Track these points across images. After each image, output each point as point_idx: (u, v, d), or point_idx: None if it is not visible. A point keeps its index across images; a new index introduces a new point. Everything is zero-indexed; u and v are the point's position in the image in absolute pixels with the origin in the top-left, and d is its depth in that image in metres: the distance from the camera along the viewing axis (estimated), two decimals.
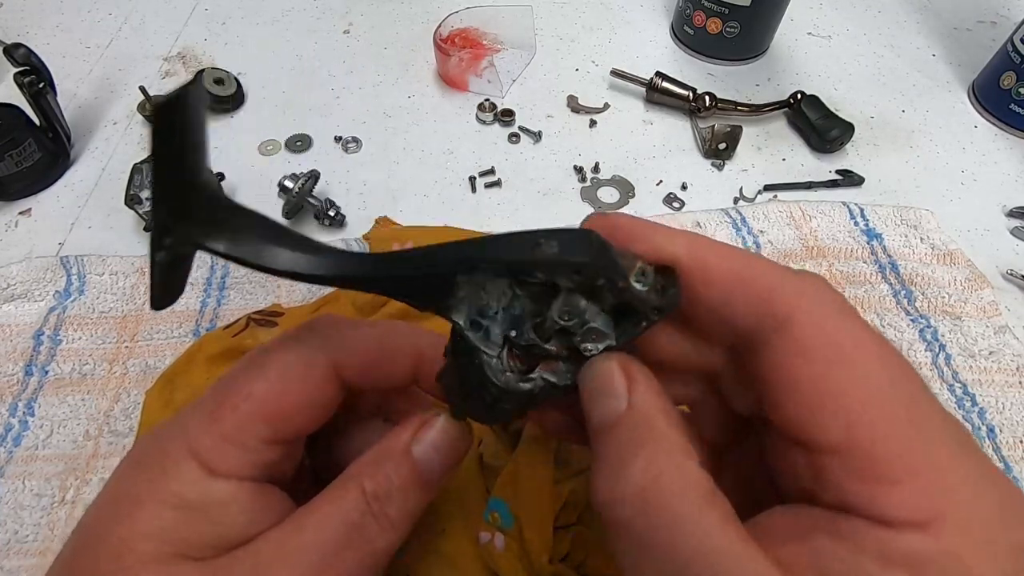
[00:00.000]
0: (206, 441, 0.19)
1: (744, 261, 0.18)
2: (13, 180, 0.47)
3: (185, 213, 0.17)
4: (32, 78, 0.46)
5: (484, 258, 0.18)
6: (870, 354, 0.17)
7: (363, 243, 0.45)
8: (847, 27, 0.67)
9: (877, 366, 0.16)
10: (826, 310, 0.17)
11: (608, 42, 0.64)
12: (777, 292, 0.17)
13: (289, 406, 0.20)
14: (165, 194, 0.17)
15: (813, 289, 0.18)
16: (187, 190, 0.17)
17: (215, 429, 0.19)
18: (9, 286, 0.41)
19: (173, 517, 0.18)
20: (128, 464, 0.20)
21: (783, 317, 0.17)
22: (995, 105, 0.57)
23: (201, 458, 0.19)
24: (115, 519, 0.18)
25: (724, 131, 0.51)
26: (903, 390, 0.16)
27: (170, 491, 0.18)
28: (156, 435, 0.20)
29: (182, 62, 0.60)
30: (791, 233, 0.46)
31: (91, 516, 0.19)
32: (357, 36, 0.64)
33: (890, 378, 0.16)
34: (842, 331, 0.17)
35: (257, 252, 0.18)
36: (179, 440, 0.19)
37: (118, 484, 0.20)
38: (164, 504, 0.18)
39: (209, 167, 0.18)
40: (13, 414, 0.36)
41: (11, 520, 0.33)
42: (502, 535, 0.29)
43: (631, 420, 0.17)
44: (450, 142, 0.54)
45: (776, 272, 0.18)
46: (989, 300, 0.43)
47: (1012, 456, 0.36)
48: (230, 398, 0.20)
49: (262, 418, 0.19)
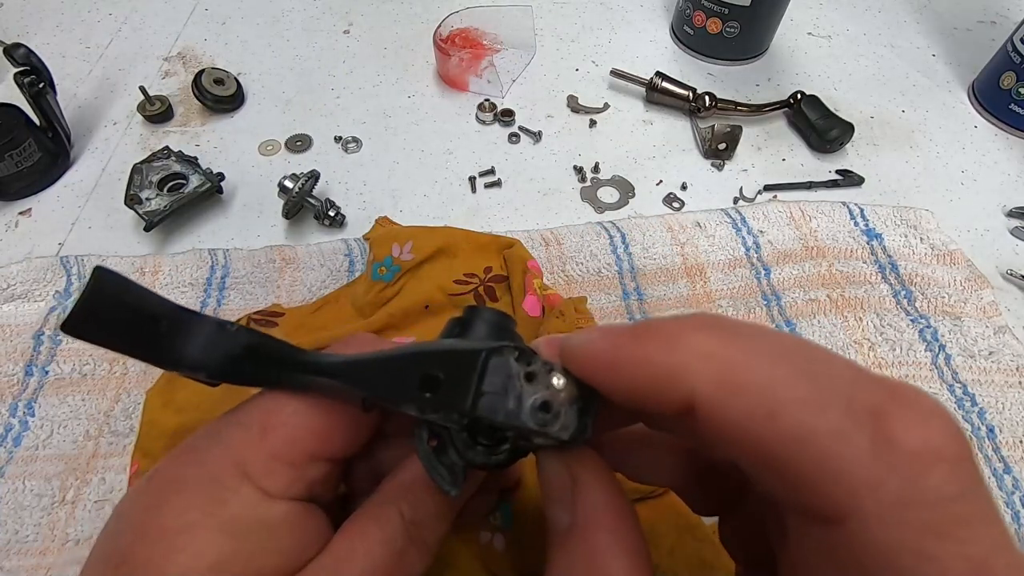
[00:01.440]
0: (256, 459, 0.18)
1: (809, 411, 0.12)
2: (13, 180, 0.47)
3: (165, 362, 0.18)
4: (32, 78, 0.46)
5: (376, 393, 0.17)
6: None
7: (363, 243, 0.45)
8: (847, 27, 0.67)
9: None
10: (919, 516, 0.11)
11: (608, 42, 0.64)
12: (845, 475, 0.11)
13: (337, 420, 0.19)
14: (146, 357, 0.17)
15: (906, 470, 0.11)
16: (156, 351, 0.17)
17: (265, 446, 0.18)
18: (9, 286, 0.41)
19: (232, 546, 0.17)
20: (165, 489, 0.18)
21: (841, 512, 0.12)
22: (995, 105, 0.57)
23: (254, 477, 0.17)
24: (167, 555, 0.16)
25: (724, 131, 0.51)
26: None
27: (224, 516, 0.17)
28: (192, 455, 0.18)
29: (182, 62, 0.60)
30: (791, 233, 0.46)
31: (127, 549, 0.17)
32: (357, 36, 0.64)
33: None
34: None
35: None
36: (225, 459, 0.18)
37: (159, 513, 0.17)
38: (221, 532, 0.17)
39: (154, 304, 0.18)
40: (13, 414, 0.36)
41: (11, 520, 0.33)
42: (502, 536, 0.29)
43: (572, 542, 0.16)
44: (450, 142, 0.54)
45: (850, 439, 0.12)
46: (989, 300, 0.43)
47: (1012, 456, 0.36)
48: (279, 413, 0.18)
49: (312, 433, 0.18)
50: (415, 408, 0.17)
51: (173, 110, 0.55)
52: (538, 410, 0.16)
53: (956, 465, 0.11)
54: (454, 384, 0.16)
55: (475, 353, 0.16)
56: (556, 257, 0.44)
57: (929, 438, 0.11)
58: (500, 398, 0.16)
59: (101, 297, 0.16)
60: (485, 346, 0.16)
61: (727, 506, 0.20)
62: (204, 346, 0.18)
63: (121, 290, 0.17)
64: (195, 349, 0.18)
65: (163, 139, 0.53)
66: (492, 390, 0.16)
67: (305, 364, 0.18)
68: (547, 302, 0.39)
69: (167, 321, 0.17)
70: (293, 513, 0.18)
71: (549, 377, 0.16)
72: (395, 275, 0.41)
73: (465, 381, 0.16)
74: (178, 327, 0.17)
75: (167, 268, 0.43)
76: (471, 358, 0.16)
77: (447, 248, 0.42)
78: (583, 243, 0.45)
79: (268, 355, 0.18)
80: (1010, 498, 0.35)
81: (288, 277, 0.43)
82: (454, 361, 0.16)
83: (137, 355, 0.17)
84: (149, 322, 0.17)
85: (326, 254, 0.44)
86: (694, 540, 0.32)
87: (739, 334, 0.13)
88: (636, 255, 0.45)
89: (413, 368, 0.17)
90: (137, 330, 0.17)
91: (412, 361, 0.17)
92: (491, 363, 0.16)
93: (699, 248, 0.45)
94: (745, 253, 0.45)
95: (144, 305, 0.17)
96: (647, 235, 0.45)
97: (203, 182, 0.46)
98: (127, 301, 0.17)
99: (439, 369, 0.16)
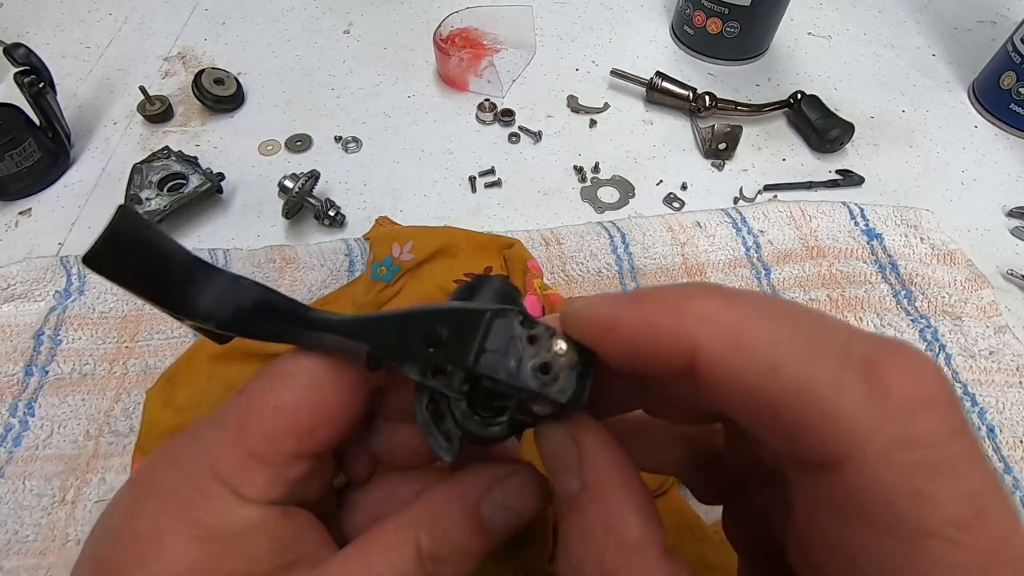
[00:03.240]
0: (231, 460, 0.17)
1: (806, 363, 0.13)
2: (13, 180, 0.47)
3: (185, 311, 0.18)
4: (32, 78, 0.46)
5: (382, 348, 0.17)
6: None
7: (363, 243, 0.45)
8: (847, 27, 0.67)
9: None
10: (912, 457, 0.12)
11: (608, 42, 0.64)
12: (843, 420, 0.12)
13: (319, 415, 0.18)
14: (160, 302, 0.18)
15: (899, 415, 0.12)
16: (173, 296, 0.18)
17: (241, 446, 0.17)
18: (9, 286, 0.41)
19: (201, 553, 0.16)
20: (142, 493, 0.17)
21: (839, 456, 0.12)
22: (995, 105, 0.57)
23: (228, 481, 0.17)
24: (139, 561, 0.16)
25: (724, 131, 0.51)
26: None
27: (196, 522, 0.16)
28: (169, 458, 0.18)
29: (182, 62, 0.60)
30: (791, 233, 0.46)
31: (104, 555, 0.16)
32: (357, 36, 0.64)
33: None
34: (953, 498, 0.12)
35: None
36: (200, 462, 0.17)
37: (134, 518, 0.17)
38: (191, 538, 0.16)
39: (174, 250, 0.18)
40: (13, 414, 0.36)
41: (11, 520, 0.33)
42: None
43: (584, 505, 0.16)
44: (450, 142, 0.54)
45: (842, 382, 0.12)
46: (989, 300, 0.43)
47: (1012, 456, 0.36)
48: (256, 411, 0.17)
49: (291, 430, 0.17)
50: (418, 369, 0.17)
51: (173, 110, 0.55)
52: (538, 371, 0.16)
53: (945, 409, 0.12)
54: (458, 341, 0.16)
55: (480, 312, 0.16)
56: (556, 257, 0.44)
57: (919, 385, 0.12)
58: (502, 357, 0.16)
59: (123, 234, 0.16)
60: (491, 307, 0.17)
61: (731, 494, 0.20)
62: (217, 297, 0.18)
63: (142, 230, 0.17)
64: (208, 299, 0.18)
65: (163, 139, 0.53)
66: (494, 348, 0.16)
67: (314, 321, 0.18)
68: (547, 302, 0.39)
69: (183, 268, 0.17)
70: (271, 517, 0.17)
71: (551, 342, 0.16)
72: (395, 275, 0.41)
73: (469, 338, 0.16)
74: (193, 275, 0.17)
75: None
76: (476, 317, 0.16)
77: (447, 248, 0.42)
78: (583, 243, 0.45)
79: (278, 310, 0.18)
80: (1011, 498, 0.35)
81: (288, 277, 0.43)
82: (459, 319, 0.17)
83: (151, 297, 0.17)
84: (165, 266, 0.17)
85: (326, 254, 0.44)
86: (694, 540, 0.32)
87: (739, 296, 0.14)
88: (636, 255, 0.45)
89: (420, 325, 0.17)
90: (153, 273, 0.17)
91: (419, 318, 0.17)
92: (495, 323, 0.16)
93: (699, 248, 0.45)
94: (745, 253, 0.45)
95: (163, 249, 0.17)
96: (647, 235, 0.45)
97: (203, 182, 0.46)
98: (147, 242, 0.17)
99: (444, 327, 0.16)
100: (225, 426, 0.17)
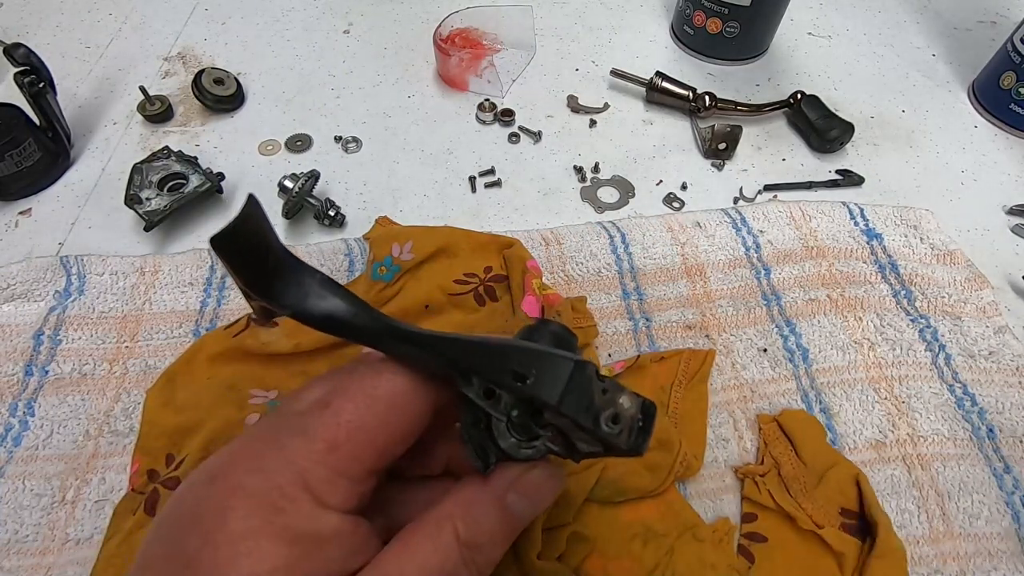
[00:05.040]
0: (319, 473, 0.18)
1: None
2: (13, 180, 0.47)
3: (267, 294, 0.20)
4: (32, 78, 0.46)
5: (471, 370, 0.19)
6: None
7: (363, 243, 0.45)
8: (847, 27, 0.67)
9: None
10: None
11: (608, 42, 0.64)
12: None
13: (398, 435, 0.20)
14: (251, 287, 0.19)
15: None
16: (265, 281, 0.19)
17: (329, 461, 0.18)
18: (9, 286, 0.41)
19: (290, 554, 0.17)
20: (228, 494, 0.18)
21: None
22: (995, 105, 0.57)
23: (315, 491, 0.18)
24: (232, 559, 0.17)
25: (724, 131, 0.51)
26: None
27: (284, 525, 0.17)
28: (252, 459, 0.19)
29: (182, 62, 0.60)
30: (791, 233, 0.46)
31: (200, 551, 0.17)
32: (357, 36, 0.64)
33: None
34: None
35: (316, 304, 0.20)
36: (288, 470, 0.18)
37: (225, 519, 0.17)
38: (281, 539, 0.17)
39: (274, 242, 0.19)
40: (13, 414, 0.36)
41: (11, 520, 0.33)
42: None
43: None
44: (450, 142, 0.54)
45: None
46: (989, 300, 0.43)
47: (1012, 456, 0.36)
48: (343, 428, 0.19)
49: (374, 451, 0.19)
50: (474, 391, 0.19)
51: (173, 110, 0.55)
52: (610, 420, 0.19)
53: None
54: (544, 380, 0.19)
55: (567, 360, 0.19)
56: (556, 257, 0.44)
57: None
58: (582, 403, 0.19)
59: (247, 223, 0.18)
60: (575, 358, 0.19)
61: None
62: (306, 294, 0.20)
63: (260, 222, 0.18)
64: (299, 294, 0.19)
65: (163, 139, 0.53)
66: (575, 394, 0.19)
67: (402, 333, 0.20)
68: (546, 302, 0.39)
69: (280, 260, 0.19)
70: (345, 525, 0.19)
71: (618, 396, 0.19)
72: (395, 275, 0.41)
73: (554, 380, 0.19)
74: (288, 270, 0.20)
75: (167, 268, 0.43)
76: (561, 363, 0.19)
77: (447, 248, 0.42)
78: (583, 243, 0.45)
79: (363, 316, 0.20)
80: (1010, 498, 0.35)
81: None
82: (546, 362, 0.19)
83: (250, 282, 0.19)
84: (268, 256, 0.19)
85: (326, 254, 0.44)
86: (694, 540, 0.32)
87: None
88: (636, 255, 0.45)
89: (512, 358, 0.19)
90: (257, 261, 0.19)
91: (504, 351, 0.19)
92: (577, 372, 0.19)
93: (699, 248, 0.45)
94: (745, 253, 0.45)
95: (271, 242, 0.19)
96: (647, 235, 0.45)
97: (203, 182, 0.46)
98: (261, 232, 0.19)
99: (532, 366, 0.19)
100: (314, 439, 0.19)
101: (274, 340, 0.37)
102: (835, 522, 0.33)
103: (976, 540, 0.33)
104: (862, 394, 0.38)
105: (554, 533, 0.30)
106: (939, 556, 0.33)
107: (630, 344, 0.41)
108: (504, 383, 0.19)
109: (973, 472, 0.36)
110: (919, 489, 0.35)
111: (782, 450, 0.35)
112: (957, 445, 0.37)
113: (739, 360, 0.40)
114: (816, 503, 0.33)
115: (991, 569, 0.33)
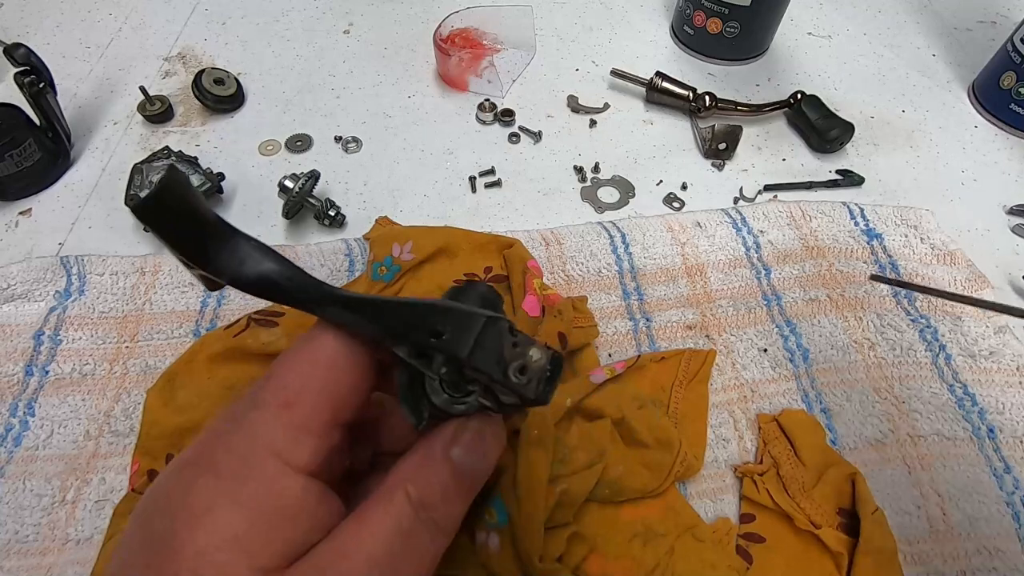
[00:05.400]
0: (281, 434, 0.19)
1: None
2: (13, 180, 0.47)
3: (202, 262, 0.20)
4: (32, 78, 0.46)
5: (396, 330, 0.20)
6: None
7: (363, 243, 0.45)
8: (847, 27, 0.67)
9: None
10: None
11: (608, 42, 0.64)
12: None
13: (345, 387, 0.20)
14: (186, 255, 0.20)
15: None
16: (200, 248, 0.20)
17: (287, 419, 0.19)
18: (9, 286, 0.41)
19: (250, 522, 0.18)
20: (195, 473, 0.19)
21: None
22: (995, 105, 0.57)
23: (281, 453, 0.19)
24: (190, 531, 0.17)
25: (724, 131, 0.51)
26: None
27: (246, 494, 0.18)
28: (218, 439, 0.19)
29: (182, 62, 0.60)
30: (791, 233, 0.46)
31: (158, 529, 0.18)
32: (357, 36, 0.64)
33: None
34: None
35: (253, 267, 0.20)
36: (252, 440, 0.19)
37: (188, 495, 0.18)
38: (241, 509, 0.18)
39: (204, 210, 0.20)
40: (13, 414, 0.36)
41: (11, 520, 0.33)
42: (496, 535, 0.29)
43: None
44: (450, 142, 0.54)
45: None
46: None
47: (1012, 456, 0.36)
48: (294, 387, 0.20)
49: (327, 401, 0.20)
50: (406, 350, 0.20)
51: (173, 110, 0.55)
52: (517, 371, 0.20)
53: None
54: (457, 336, 0.19)
55: (479, 316, 0.20)
56: (556, 257, 0.44)
57: None
58: (491, 355, 0.20)
59: (170, 190, 0.18)
60: (488, 313, 0.20)
61: None
62: (240, 259, 0.20)
63: (185, 189, 0.19)
64: (230, 259, 0.20)
65: (163, 139, 0.53)
66: (485, 347, 0.20)
67: (330, 296, 0.20)
68: (547, 302, 0.39)
69: (212, 228, 0.20)
70: (310, 494, 0.19)
71: (528, 348, 0.20)
72: (395, 275, 0.41)
73: (466, 336, 0.19)
74: (221, 235, 0.20)
75: (167, 268, 0.43)
76: (475, 319, 0.20)
77: (447, 248, 0.42)
78: (583, 243, 0.45)
79: (295, 281, 0.21)
80: (1010, 498, 0.35)
81: None
82: (460, 319, 0.20)
83: (182, 249, 0.19)
84: (198, 223, 0.20)
85: (326, 254, 0.44)
86: (694, 540, 0.32)
87: None
88: (636, 255, 0.45)
89: (427, 316, 0.20)
90: (188, 227, 0.19)
91: (427, 311, 0.20)
92: (488, 328, 0.20)
93: (699, 248, 0.45)
94: (745, 253, 0.45)
95: (197, 208, 0.19)
96: (647, 235, 0.45)
97: (203, 182, 0.46)
98: (186, 199, 0.19)
99: (448, 323, 0.20)
100: (267, 405, 0.19)
101: (274, 340, 0.37)
102: (833, 522, 0.33)
103: (976, 540, 0.33)
104: (862, 394, 0.39)
105: (554, 533, 0.30)
106: (939, 556, 0.33)
107: (630, 344, 0.41)
108: (422, 341, 0.20)
109: (973, 472, 0.36)
110: (919, 489, 0.35)
111: (781, 450, 0.35)
112: (957, 445, 0.37)
113: (739, 360, 0.40)
114: (814, 503, 0.33)
115: (991, 569, 0.33)
